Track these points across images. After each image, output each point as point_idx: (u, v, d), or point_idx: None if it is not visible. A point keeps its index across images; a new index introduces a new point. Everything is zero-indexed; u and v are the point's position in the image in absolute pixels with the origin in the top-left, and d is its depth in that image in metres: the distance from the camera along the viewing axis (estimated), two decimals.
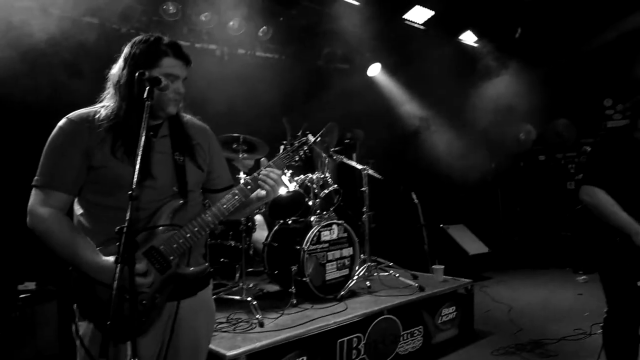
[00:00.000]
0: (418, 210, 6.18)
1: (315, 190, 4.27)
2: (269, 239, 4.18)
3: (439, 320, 4.22)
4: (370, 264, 4.60)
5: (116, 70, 1.75)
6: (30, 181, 1.68)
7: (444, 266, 4.73)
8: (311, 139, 1.98)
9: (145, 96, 1.59)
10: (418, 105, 7.38)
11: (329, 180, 4.41)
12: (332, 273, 4.04)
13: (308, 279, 3.78)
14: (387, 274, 4.60)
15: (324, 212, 4.35)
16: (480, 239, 6.99)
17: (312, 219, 4.18)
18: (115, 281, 1.39)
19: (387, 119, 7.18)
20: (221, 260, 4.28)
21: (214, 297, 3.67)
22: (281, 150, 3.94)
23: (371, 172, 4.87)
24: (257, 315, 3.35)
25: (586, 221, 2.87)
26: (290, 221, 4.28)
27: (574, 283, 6.30)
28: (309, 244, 3.85)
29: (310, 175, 4.34)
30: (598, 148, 2.92)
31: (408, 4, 6.10)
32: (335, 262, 4.08)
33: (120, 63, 1.74)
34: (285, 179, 4.13)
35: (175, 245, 1.69)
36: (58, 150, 1.66)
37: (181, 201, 1.73)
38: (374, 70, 6.97)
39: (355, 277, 4.22)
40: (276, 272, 4.08)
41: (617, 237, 2.69)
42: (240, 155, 4.19)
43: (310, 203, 4.25)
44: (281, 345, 3.05)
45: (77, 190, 1.69)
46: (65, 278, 1.65)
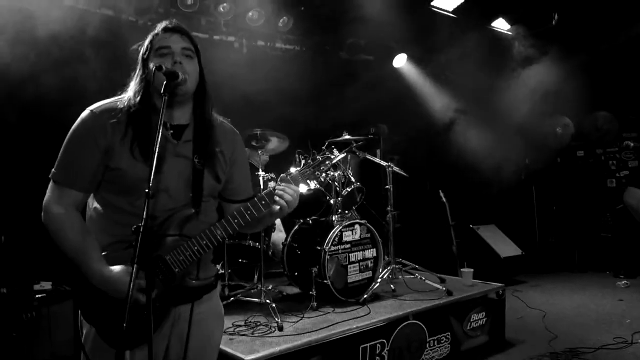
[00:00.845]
0: (446, 210, 6.13)
1: (337, 189, 4.27)
2: (288, 240, 4.20)
3: (468, 327, 4.18)
4: (394, 266, 4.59)
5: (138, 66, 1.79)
6: (46, 179, 1.72)
7: (473, 270, 4.68)
8: (337, 155, 1.93)
9: (162, 91, 1.61)
10: (447, 98, 7.30)
11: (352, 177, 4.41)
12: (355, 275, 4.05)
13: (329, 281, 3.80)
14: (413, 277, 4.58)
15: (347, 212, 4.35)
16: (513, 241, 6.90)
17: (334, 218, 4.19)
18: (132, 282, 1.42)
19: (413, 113, 7.13)
20: (239, 261, 4.33)
21: (232, 300, 3.78)
22: (297, 160, 3.96)
23: (396, 169, 4.84)
24: (277, 319, 3.37)
25: (628, 222, 2.82)
26: (310, 221, 4.29)
27: (614, 288, 6.17)
28: (330, 245, 3.86)
29: (332, 173, 4.34)
30: None
31: None
32: (358, 264, 4.08)
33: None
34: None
35: (182, 258, 1.69)
36: (78, 145, 1.68)
37: (193, 211, 1.74)
38: (400, 61, 6.93)
39: (379, 280, 4.21)
40: (296, 274, 4.11)
41: None
42: (260, 152, 4.22)
43: (331, 202, 4.26)
44: (301, 351, 3.07)
45: (95, 187, 1.73)
46: (74, 280, 1.69)
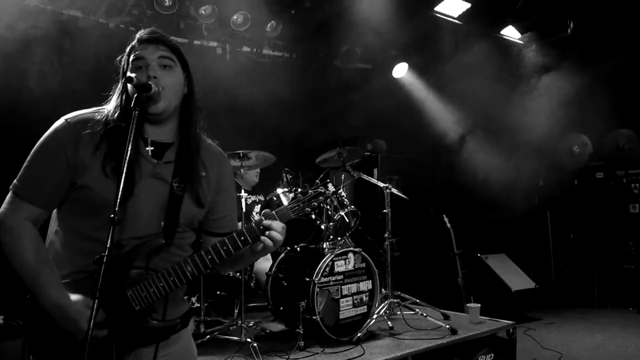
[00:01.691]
0: (451, 237, 6.14)
1: (329, 212, 4.28)
2: (273, 269, 4.19)
3: None
4: (392, 300, 4.57)
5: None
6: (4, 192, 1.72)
7: (480, 305, 4.68)
8: (331, 189, 1.92)
9: (132, 105, 1.62)
10: (452, 113, 7.38)
11: (345, 199, 4.42)
12: (348, 311, 4.03)
13: (319, 317, 3.77)
14: (413, 312, 4.57)
15: (339, 238, 4.35)
16: (526, 272, 6.90)
17: (325, 245, 4.18)
18: (93, 319, 1.40)
19: (415, 129, 7.19)
20: (217, 293, 4.30)
21: (207, 338, 3.75)
22: (284, 179, 3.97)
23: (395, 191, 4.86)
24: None
25: None
26: (298, 248, 4.28)
27: (638, 327, 6.17)
28: (320, 276, 3.85)
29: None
30: None
31: None
32: (351, 298, 4.07)
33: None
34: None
35: (144, 294, 1.67)
36: (45, 155, 1.68)
37: (162, 242, 1.70)
38: (400, 70, 7.01)
39: (375, 316, 4.19)
40: (281, 309, 4.08)
41: None
42: (242, 170, 4.23)
43: (322, 227, 4.26)
44: None
45: (56, 204, 1.72)
46: (25, 311, 1.67)
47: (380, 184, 4.87)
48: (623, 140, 7.57)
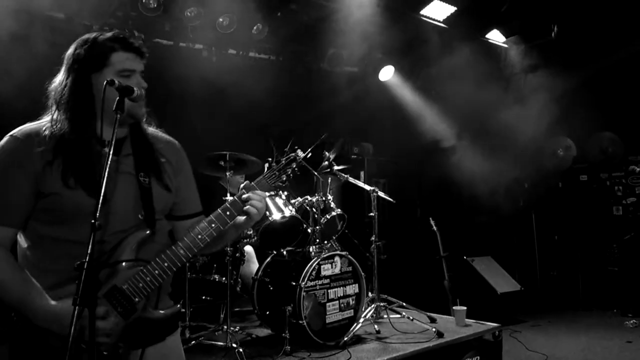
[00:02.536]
0: (437, 240, 6.15)
1: (316, 215, 4.27)
2: (259, 274, 4.16)
3: None
4: (379, 304, 4.58)
5: (58, 81, 1.75)
6: None
7: (466, 307, 4.69)
8: (301, 154, 1.97)
9: (114, 108, 1.60)
10: (438, 116, 7.41)
11: (332, 203, 4.41)
12: (334, 315, 4.01)
13: (305, 321, 3.75)
14: (400, 316, 4.56)
15: (325, 242, 4.34)
16: (511, 274, 6.94)
17: (311, 249, 4.17)
18: (72, 327, 1.38)
19: (402, 132, 7.21)
20: (202, 298, 4.26)
21: (192, 343, 3.71)
22: (266, 169, 3.95)
23: (381, 194, 4.87)
24: None
25: (636, 254, 2.86)
26: (285, 252, 4.26)
27: (621, 328, 6.22)
28: (306, 280, 3.83)
29: (309, 198, 4.34)
30: None
31: None
32: (337, 302, 4.05)
33: (63, 71, 1.75)
34: (280, 202, 4.14)
35: (141, 285, 1.67)
36: (4, 176, 1.63)
37: (147, 232, 1.72)
38: (386, 74, 7.03)
39: (362, 320, 4.19)
40: (267, 313, 4.06)
41: None
42: (228, 173, 4.20)
43: (309, 230, 4.25)
44: None
45: (24, 221, 1.67)
46: (7, 324, 1.63)
47: (367, 187, 4.87)
48: (607, 143, 7.65)
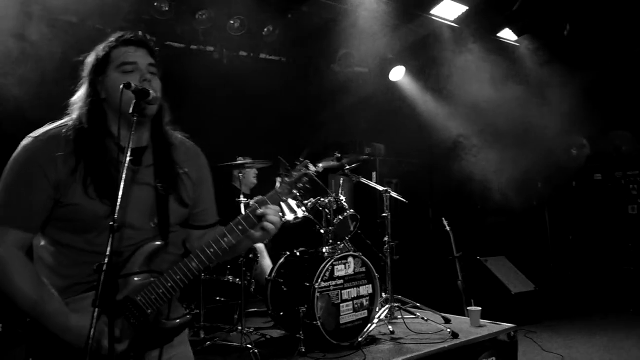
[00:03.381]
0: (451, 240, 6.12)
1: (329, 216, 4.26)
2: (273, 274, 4.17)
3: None
4: (393, 304, 4.57)
5: (79, 92, 1.77)
6: None
7: (481, 308, 4.66)
8: (312, 168, 1.95)
9: (131, 111, 1.60)
10: (450, 115, 7.38)
11: (345, 204, 4.41)
12: (348, 315, 4.01)
13: (319, 322, 3.75)
14: (414, 316, 4.55)
15: (339, 242, 4.33)
16: (526, 274, 6.89)
17: (325, 250, 4.16)
18: (93, 328, 1.38)
19: (413, 132, 7.19)
20: (217, 299, 4.28)
21: (207, 344, 3.72)
22: (277, 184, 3.96)
23: (394, 195, 4.85)
24: None
25: None
26: (298, 253, 4.26)
27: (638, 328, 6.16)
28: (320, 281, 3.82)
29: (322, 199, 4.34)
30: None
31: None
32: (351, 302, 4.05)
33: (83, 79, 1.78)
34: (292, 204, 4.15)
35: (154, 297, 1.66)
36: (22, 178, 1.62)
37: (160, 243, 1.72)
38: (397, 74, 7.02)
39: (376, 321, 4.18)
40: (281, 314, 4.06)
41: None
42: (240, 174, 4.22)
43: (322, 231, 4.24)
44: None
45: (41, 227, 1.67)
46: (27, 322, 1.63)
47: (380, 188, 4.87)
48: (621, 141, 7.58)
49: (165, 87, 1.82)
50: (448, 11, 6.31)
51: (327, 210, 4.27)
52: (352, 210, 4.42)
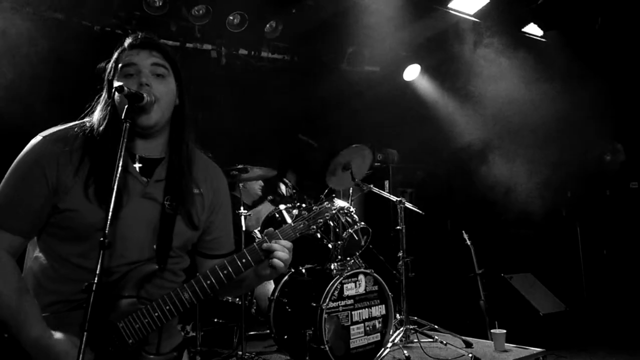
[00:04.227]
0: (471, 255, 6.11)
1: (337, 230, 4.27)
2: (276, 294, 4.17)
3: None
4: (408, 326, 4.56)
5: None
6: None
7: (505, 330, 4.65)
8: (337, 204, 1.94)
9: (123, 117, 1.61)
10: (470, 118, 7.38)
11: (355, 215, 4.41)
12: (359, 339, 4.00)
13: (327, 346, 3.75)
14: (432, 340, 4.54)
15: (348, 258, 4.34)
16: (555, 293, 6.86)
17: (333, 267, 4.17)
18: (81, 354, 1.39)
19: (429, 136, 7.19)
20: (214, 320, 4.28)
21: None
22: (282, 189, 3.96)
23: (409, 205, 4.86)
24: None
25: None
26: (304, 270, 4.27)
27: None
28: (328, 301, 3.83)
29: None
30: None
31: None
32: (362, 325, 4.04)
33: None
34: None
35: (137, 325, 1.65)
36: (24, 180, 1.67)
37: (156, 267, 1.70)
38: (412, 73, 7.03)
39: (390, 345, 4.18)
40: (285, 337, 4.06)
41: None
42: (241, 185, 4.24)
43: (330, 246, 4.25)
44: None
45: (37, 231, 1.71)
46: None
47: (393, 198, 4.87)
48: None
49: None
50: (468, 4, 6.32)
51: (335, 223, 4.27)
52: (363, 223, 4.42)
